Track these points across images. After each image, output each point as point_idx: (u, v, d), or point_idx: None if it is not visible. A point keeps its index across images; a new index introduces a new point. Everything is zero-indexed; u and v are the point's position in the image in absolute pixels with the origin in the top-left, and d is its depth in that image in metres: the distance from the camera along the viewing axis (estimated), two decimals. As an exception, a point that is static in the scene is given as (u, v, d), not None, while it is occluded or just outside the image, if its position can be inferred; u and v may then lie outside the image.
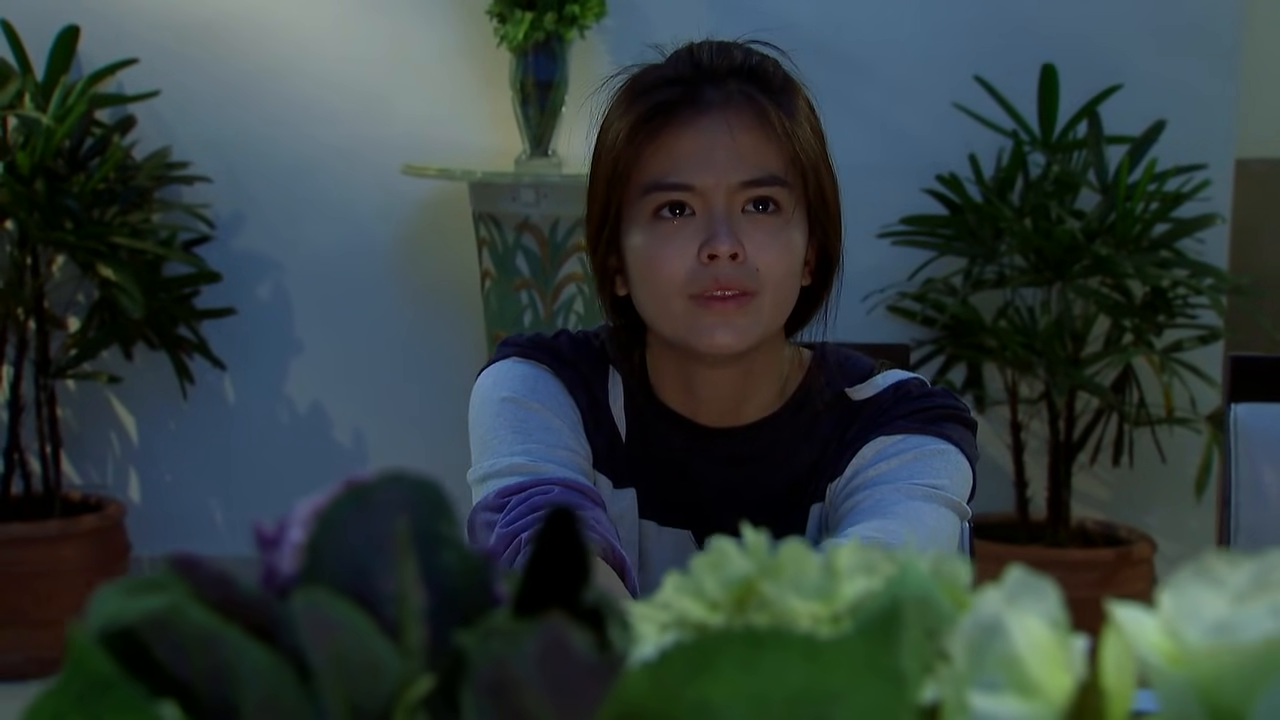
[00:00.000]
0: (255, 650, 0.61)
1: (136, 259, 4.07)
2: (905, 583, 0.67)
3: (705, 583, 0.72)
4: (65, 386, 4.34)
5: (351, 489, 0.63)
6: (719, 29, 1.85)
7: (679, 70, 1.70)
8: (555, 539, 0.64)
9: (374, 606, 0.61)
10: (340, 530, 0.62)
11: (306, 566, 0.63)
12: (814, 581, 0.69)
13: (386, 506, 0.62)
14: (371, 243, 4.30)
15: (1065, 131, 4.14)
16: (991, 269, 4.11)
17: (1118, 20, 4.25)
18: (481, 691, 0.59)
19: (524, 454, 1.72)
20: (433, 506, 0.63)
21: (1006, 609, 0.63)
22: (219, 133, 4.27)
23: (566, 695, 0.58)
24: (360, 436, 4.36)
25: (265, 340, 4.35)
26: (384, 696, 0.60)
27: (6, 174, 3.93)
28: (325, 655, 0.60)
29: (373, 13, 4.25)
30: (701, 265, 1.64)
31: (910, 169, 4.20)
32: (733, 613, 0.71)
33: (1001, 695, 0.60)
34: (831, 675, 0.59)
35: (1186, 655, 0.58)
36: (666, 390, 1.79)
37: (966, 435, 1.77)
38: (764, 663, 0.59)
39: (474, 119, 4.25)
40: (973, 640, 0.62)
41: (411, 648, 0.61)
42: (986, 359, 4.13)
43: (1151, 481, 4.31)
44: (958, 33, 4.25)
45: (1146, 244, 4.01)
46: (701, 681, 0.59)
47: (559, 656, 0.57)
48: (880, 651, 0.60)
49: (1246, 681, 0.56)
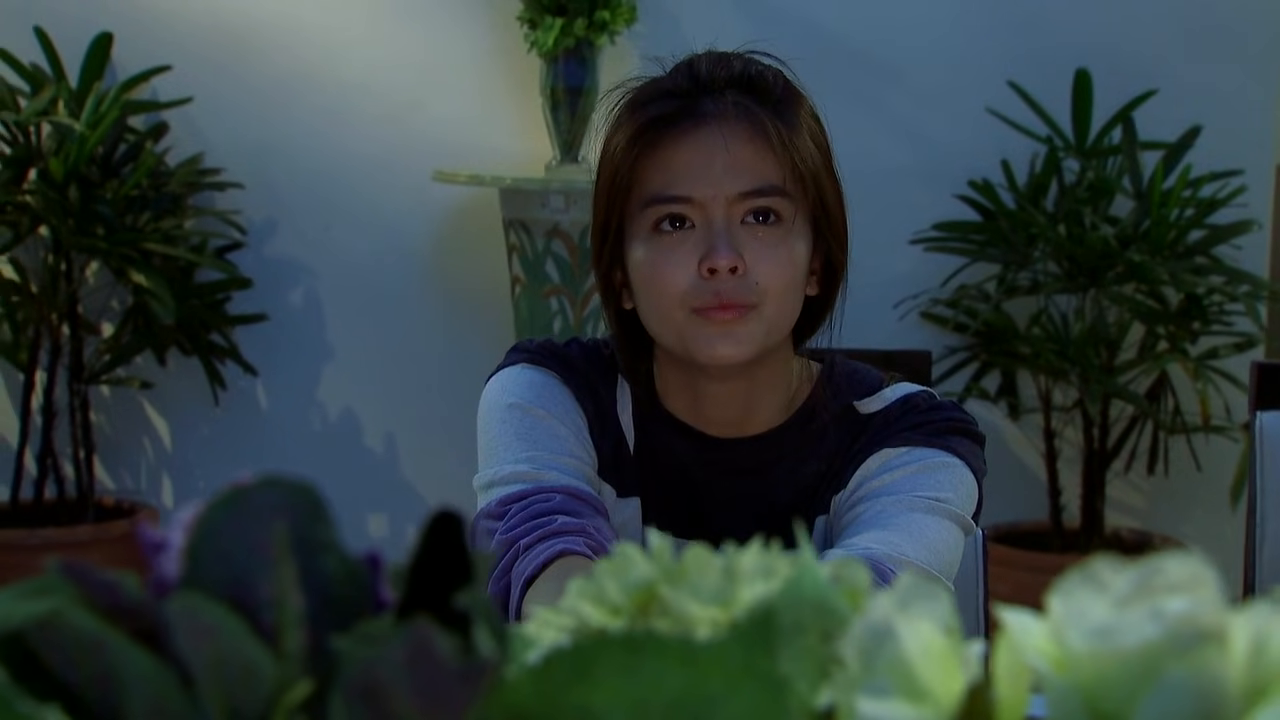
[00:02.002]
0: (138, 655, 0.61)
1: (169, 265, 4.09)
2: (802, 587, 0.66)
3: (607, 588, 0.71)
4: (99, 392, 4.36)
5: (227, 493, 0.63)
6: (750, 35, 1.84)
7: (677, 83, 1.71)
8: (439, 542, 0.64)
9: (252, 611, 0.61)
10: (218, 535, 0.62)
11: (187, 571, 0.62)
12: (713, 586, 0.69)
13: (263, 511, 0.62)
14: (403, 249, 4.31)
15: (1099, 137, 4.12)
16: (1025, 275, 4.09)
17: (1152, 25, 4.22)
18: (352, 696, 0.58)
19: (528, 461, 1.72)
20: (311, 511, 0.63)
21: (898, 614, 0.62)
22: (251, 139, 4.28)
23: (434, 699, 0.57)
24: (391, 442, 4.37)
25: (297, 346, 4.36)
26: (261, 701, 0.60)
27: (40, 180, 3.96)
28: (203, 660, 0.60)
29: (404, 19, 4.26)
30: (702, 279, 1.64)
31: (943, 175, 4.18)
32: (634, 618, 0.71)
33: (889, 699, 0.60)
34: (709, 679, 0.59)
35: (1070, 660, 0.58)
36: (673, 401, 1.79)
37: (973, 449, 1.76)
38: (643, 668, 0.59)
39: (504, 125, 4.26)
40: (864, 645, 0.62)
41: (289, 652, 0.60)
42: (1020, 366, 4.11)
43: (1187, 490, 4.27)
44: (991, 38, 4.23)
45: (1182, 250, 3.98)
46: (582, 687, 0.59)
47: (425, 661, 0.57)
48: (757, 655, 0.60)
49: (1127, 686, 0.56)
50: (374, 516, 4.35)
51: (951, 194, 4.15)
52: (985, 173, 4.15)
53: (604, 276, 1.76)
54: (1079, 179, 4.10)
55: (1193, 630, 0.54)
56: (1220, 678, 0.54)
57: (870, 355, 2.09)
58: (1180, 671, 0.54)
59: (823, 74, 4.09)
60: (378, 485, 4.35)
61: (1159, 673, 0.54)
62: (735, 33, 3.88)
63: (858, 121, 4.22)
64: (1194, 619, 0.54)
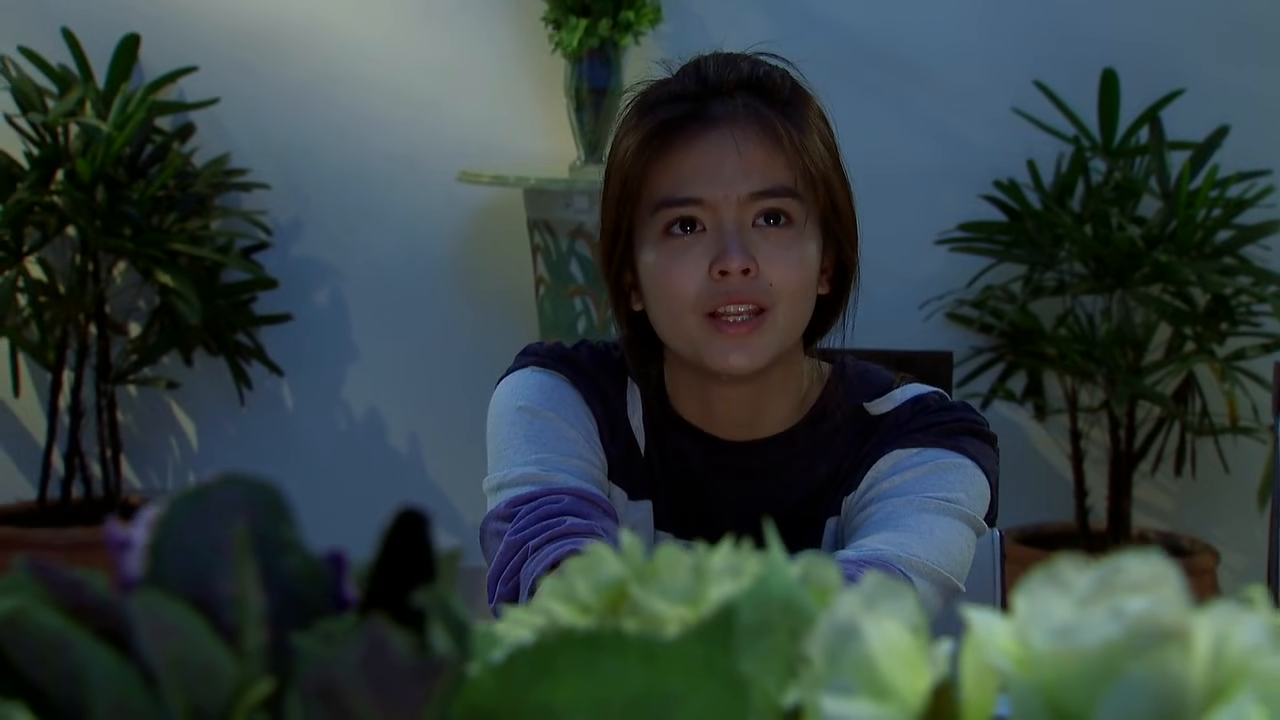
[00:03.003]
0: (102, 654, 0.61)
1: (195, 266, 4.10)
2: (770, 586, 0.66)
3: (577, 586, 0.71)
4: (126, 392, 4.38)
5: (189, 491, 0.63)
6: (775, 35, 1.84)
7: (685, 86, 1.70)
8: (404, 540, 0.64)
9: (213, 609, 0.61)
10: (180, 533, 0.62)
11: (149, 569, 0.63)
12: (681, 585, 0.69)
13: (225, 509, 0.62)
14: (427, 249, 4.31)
15: (1127, 137, 4.10)
16: (1051, 276, 4.07)
17: (1179, 24, 4.20)
18: (309, 694, 0.59)
19: (537, 463, 1.72)
20: (272, 509, 0.63)
21: (863, 613, 0.62)
22: (278, 140, 4.29)
23: (390, 697, 0.57)
24: (416, 442, 4.37)
25: (322, 346, 4.37)
26: (222, 699, 0.60)
27: (67, 181, 3.97)
28: (164, 658, 0.60)
29: (429, 21, 4.27)
30: (713, 281, 1.64)
31: (969, 175, 4.17)
32: (604, 617, 0.71)
33: (853, 698, 0.60)
34: (669, 678, 0.59)
35: (1033, 659, 0.57)
36: (683, 403, 1.79)
37: (985, 449, 1.75)
38: (603, 666, 0.59)
39: (529, 126, 4.26)
40: (829, 644, 0.61)
41: (250, 651, 0.60)
42: (1046, 367, 4.09)
43: (1214, 491, 4.25)
44: (1017, 38, 4.22)
45: (1209, 251, 3.96)
46: (544, 685, 0.60)
47: (380, 659, 0.57)
48: (717, 654, 0.60)
49: (1088, 685, 0.55)
50: (399, 517, 4.35)
51: (977, 194, 4.14)
52: (1011, 173, 4.13)
53: (614, 280, 1.75)
54: (1106, 179, 4.09)
55: (1153, 629, 0.53)
56: (1181, 677, 0.53)
57: (890, 356, 2.08)
58: (1140, 670, 0.53)
59: (848, 74, 4.12)
60: (402, 485, 4.35)
61: (1119, 672, 0.54)
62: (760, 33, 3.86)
63: (883, 121, 4.21)
64: (1154, 618, 0.53)
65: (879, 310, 4.13)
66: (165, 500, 0.63)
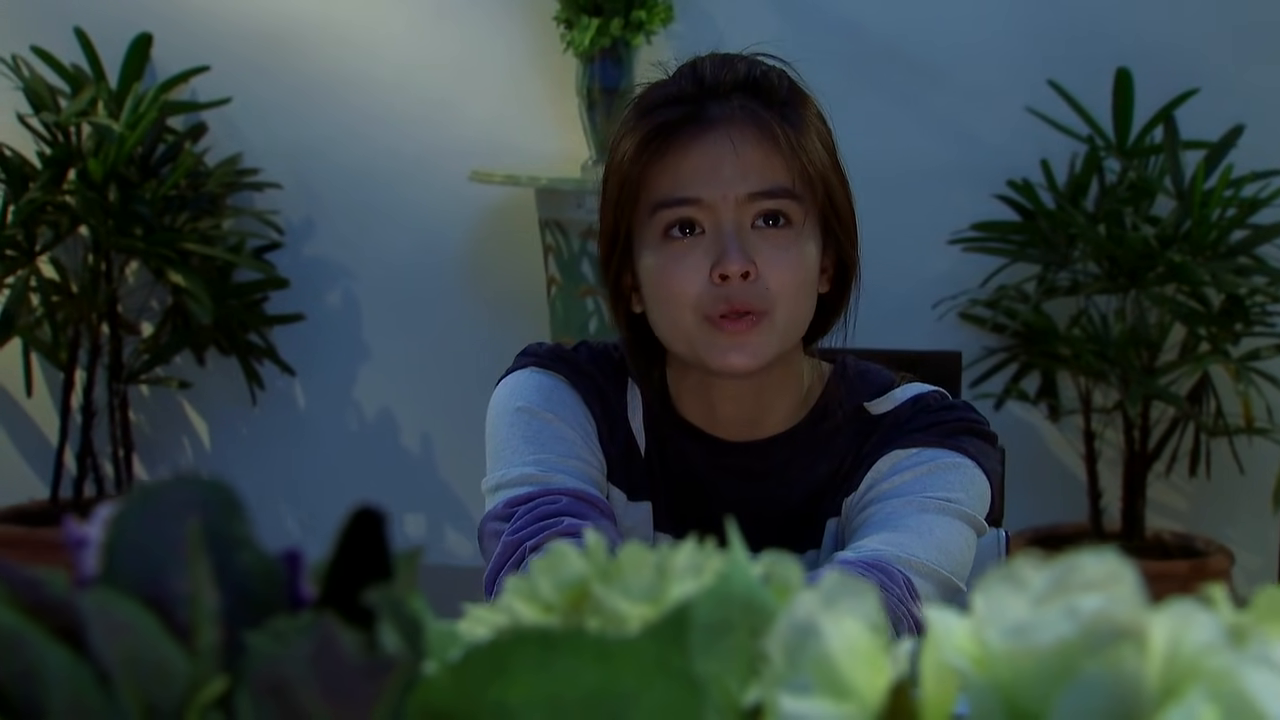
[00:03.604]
0: (58, 652, 0.60)
1: (207, 265, 4.10)
2: (731, 584, 0.65)
3: (540, 585, 0.70)
4: (138, 391, 4.38)
5: (143, 489, 0.63)
6: (788, 34, 1.84)
7: (682, 88, 1.70)
8: (361, 538, 0.63)
9: (167, 607, 0.60)
10: (133, 531, 0.62)
11: (104, 567, 0.62)
12: (644, 584, 0.68)
13: (177, 507, 0.62)
14: (439, 249, 4.31)
15: (1141, 136, 4.08)
16: (1065, 276, 4.05)
17: (1194, 23, 4.18)
18: (259, 692, 0.58)
19: (535, 464, 1.73)
20: (225, 507, 0.62)
21: (822, 611, 0.61)
22: (289, 139, 4.29)
23: (340, 695, 0.57)
24: (428, 442, 4.37)
25: (334, 346, 4.37)
26: (176, 697, 0.60)
27: (79, 181, 3.98)
28: (117, 656, 0.59)
29: (441, 20, 4.26)
30: (714, 285, 1.64)
31: (982, 174, 4.15)
32: (567, 615, 0.70)
33: (811, 697, 0.59)
34: (623, 676, 0.59)
35: (989, 658, 0.56)
36: (685, 405, 1.79)
37: (985, 449, 1.75)
38: (557, 664, 0.59)
39: (540, 125, 4.25)
40: (788, 642, 0.60)
41: (203, 649, 0.60)
42: (1060, 367, 4.07)
43: (1229, 493, 4.23)
44: (1031, 37, 4.20)
45: (1223, 250, 3.94)
46: (499, 683, 0.59)
47: (330, 656, 0.57)
48: (670, 652, 0.60)
49: (1044, 684, 0.54)
50: (411, 517, 4.35)
51: (991, 194, 4.12)
52: (1025, 172, 4.11)
53: (613, 282, 1.76)
54: (1120, 179, 4.07)
55: (1108, 628, 0.52)
56: (1136, 676, 0.52)
57: (896, 356, 2.07)
58: (1095, 669, 0.53)
59: (861, 73, 4.11)
60: (414, 485, 4.35)
61: (1074, 670, 0.53)
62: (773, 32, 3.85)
63: (896, 121, 4.20)
64: (1109, 616, 0.52)
65: (891, 310, 4.14)
66: (119, 498, 0.63)
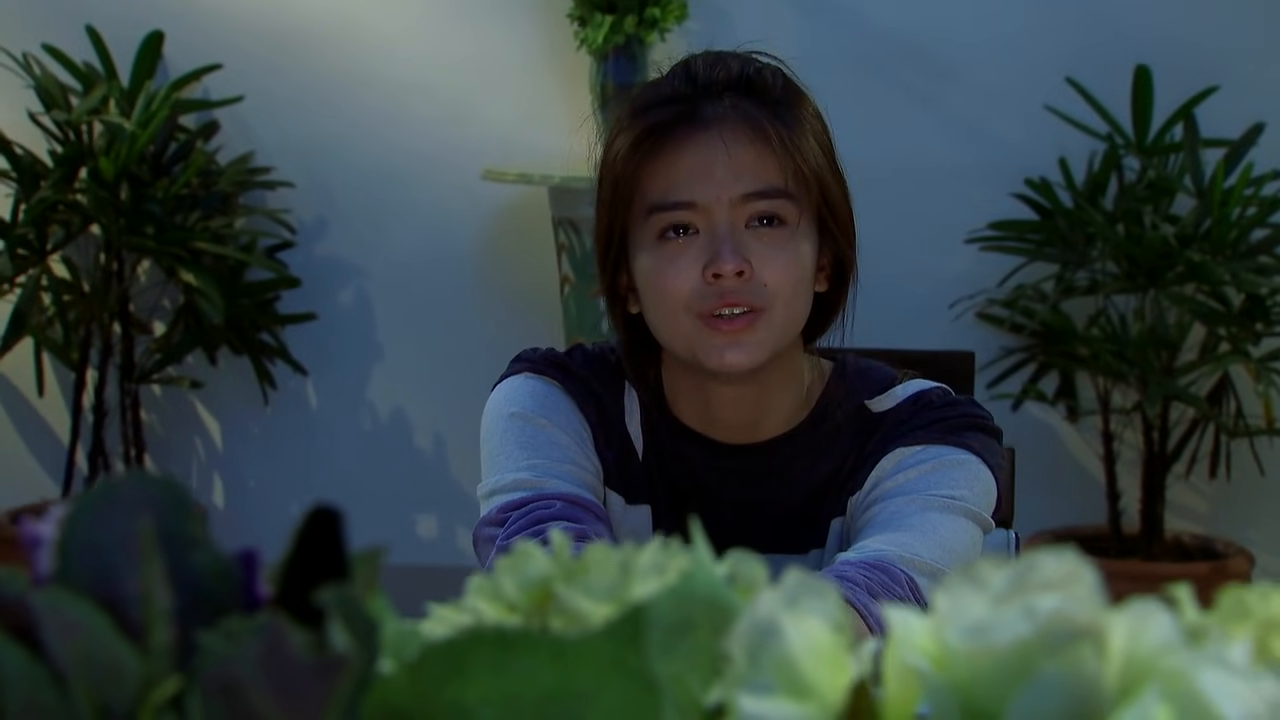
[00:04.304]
0: (11, 651, 0.60)
1: (219, 264, 4.09)
2: (694, 583, 0.63)
3: (504, 584, 0.69)
4: (149, 391, 4.37)
5: (96, 488, 0.63)
6: (803, 32, 1.82)
7: (675, 88, 1.69)
8: (316, 539, 0.62)
9: (121, 607, 0.61)
10: (87, 530, 0.62)
11: (58, 567, 0.62)
12: (607, 583, 0.66)
13: (131, 506, 0.62)
14: (452, 248, 4.29)
15: (1160, 135, 4.04)
16: (1083, 275, 4.02)
17: (1214, 20, 4.14)
18: (211, 691, 0.58)
19: (529, 469, 1.73)
20: (178, 507, 0.62)
21: (784, 611, 0.59)
22: (301, 138, 4.28)
23: (290, 694, 0.57)
24: (441, 442, 4.35)
25: (347, 346, 4.35)
26: (130, 697, 0.60)
27: (91, 179, 3.96)
28: (71, 656, 0.60)
29: (454, 18, 4.24)
30: (707, 284, 1.63)
31: (999, 173, 4.12)
32: (531, 615, 0.68)
33: (772, 697, 0.57)
34: (579, 676, 0.59)
35: (949, 658, 0.54)
36: (683, 407, 1.78)
37: (990, 444, 1.74)
38: (513, 664, 0.59)
39: (554, 123, 4.23)
40: (749, 642, 0.59)
41: (156, 648, 0.60)
42: (1078, 368, 4.04)
43: (1250, 494, 4.19)
44: (1049, 34, 4.16)
45: (1244, 250, 3.90)
46: (456, 683, 0.60)
47: (279, 656, 0.57)
48: (625, 651, 0.60)
49: (1001, 684, 0.53)
50: (423, 517, 4.33)
51: (1008, 192, 4.09)
52: (1043, 171, 4.08)
53: (609, 283, 1.75)
54: (1139, 177, 4.03)
55: (1065, 628, 0.50)
56: (1094, 676, 0.50)
57: (909, 356, 2.05)
58: (1052, 669, 0.51)
59: (877, 70, 4.08)
60: (427, 486, 4.33)
61: (1031, 670, 0.51)
62: (788, 30, 3.83)
63: (913, 119, 4.17)
64: (1066, 616, 0.50)
65: (908, 310, 4.11)
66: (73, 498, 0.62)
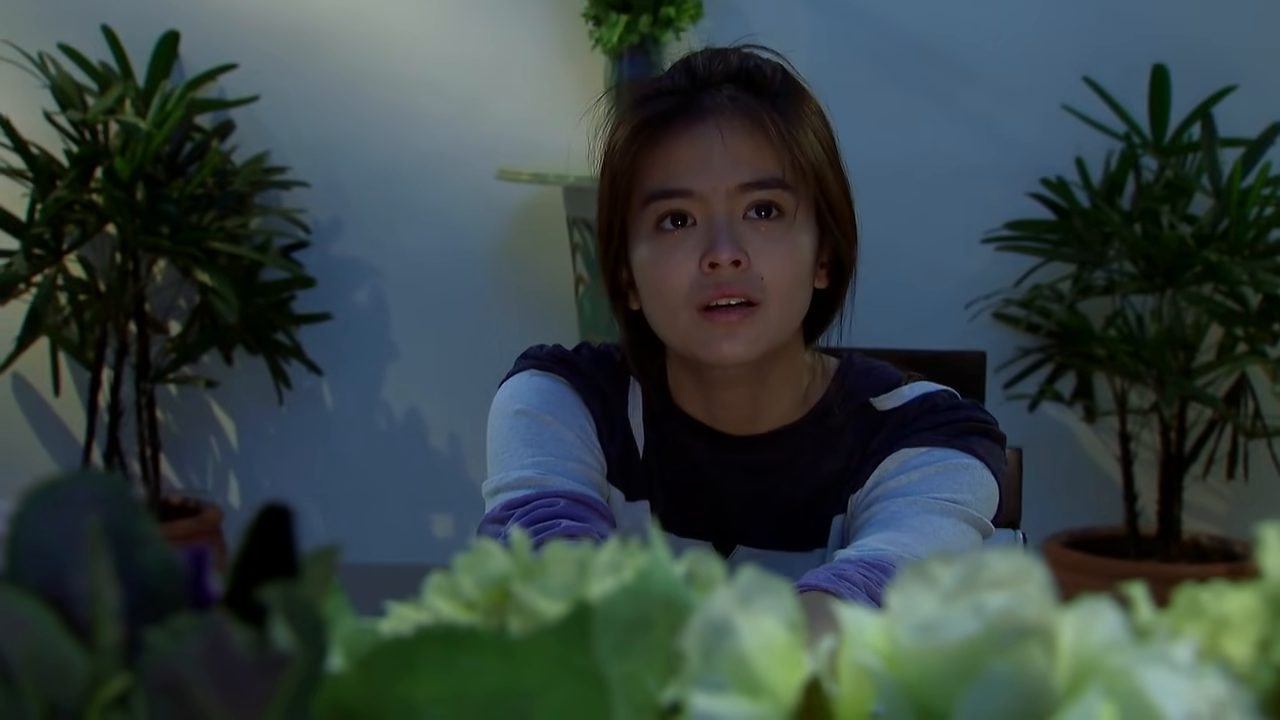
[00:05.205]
0: None
1: (234, 264, 4.09)
2: (651, 581, 0.62)
3: (462, 583, 0.68)
4: (165, 390, 4.38)
5: (43, 486, 0.63)
6: (819, 31, 1.81)
7: (675, 81, 1.70)
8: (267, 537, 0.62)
9: (68, 605, 0.60)
10: (33, 527, 0.61)
11: (5, 565, 0.62)
12: (562, 581, 0.66)
13: (77, 504, 0.61)
14: (467, 248, 4.29)
15: (1178, 134, 4.02)
16: (1100, 275, 4.01)
17: (1232, 19, 4.12)
18: (155, 689, 0.58)
19: (534, 467, 1.72)
20: (126, 504, 0.62)
21: (738, 609, 0.58)
22: (317, 138, 4.28)
23: (233, 692, 0.57)
24: (456, 441, 4.35)
25: (361, 345, 4.35)
26: (77, 695, 0.59)
27: (106, 179, 3.97)
28: (18, 655, 0.59)
29: (469, 17, 4.24)
30: (704, 274, 1.63)
31: (1016, 172, 4.11)
32: (489, 614, 0.68)
33: (724, 695, 0.57)
34: (526, 674, 0.59)
35: (900, 656, 0.54)
36: (686, 400, 1.78)
37: (993, 449, 1.74)
38: (461, 662, 0.59)
39: (568, 122, 4.21)
40: (703, 640, 0.58)
41: (103, 647, 0.59)
42: (1095, 368, 4.02)
43: (1267, 495, 4.17)
44: (1066, 34, 4.15)
45: (1261, 249, 3.88)
46: (405, 681, 0.59)
47: (221, 654, 0.56)
48: (573, 650, 0.60)
49: (951, 682, 0.52)
50: (438, 517, 4.33)
51: (1025, 192, 4.07)
52: (1060, 170, 4.07)
53: (611, 278, 1.75)
54: (1156, 177, 4.02)
55: (1013, 626, 0.50)
56: (1043, 674, 0.50)
57: (918, 356, 2.04)
58: (1001, 667, 0.50)
59: (894, 69, 4.06)
60: (442, 485, 4.33)
61: (980, 668, 0.51)
62: (803, 28, 3.82)
63: (930, 118, 4.16)
64: (1014, 614, 0.50)
65: (924, 309, 4.10)
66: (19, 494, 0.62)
